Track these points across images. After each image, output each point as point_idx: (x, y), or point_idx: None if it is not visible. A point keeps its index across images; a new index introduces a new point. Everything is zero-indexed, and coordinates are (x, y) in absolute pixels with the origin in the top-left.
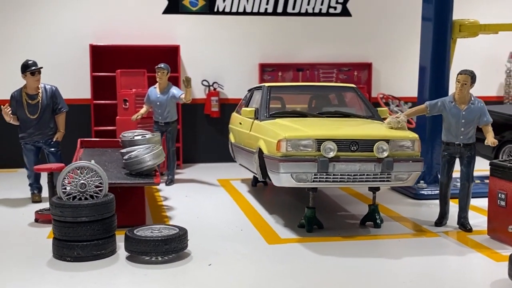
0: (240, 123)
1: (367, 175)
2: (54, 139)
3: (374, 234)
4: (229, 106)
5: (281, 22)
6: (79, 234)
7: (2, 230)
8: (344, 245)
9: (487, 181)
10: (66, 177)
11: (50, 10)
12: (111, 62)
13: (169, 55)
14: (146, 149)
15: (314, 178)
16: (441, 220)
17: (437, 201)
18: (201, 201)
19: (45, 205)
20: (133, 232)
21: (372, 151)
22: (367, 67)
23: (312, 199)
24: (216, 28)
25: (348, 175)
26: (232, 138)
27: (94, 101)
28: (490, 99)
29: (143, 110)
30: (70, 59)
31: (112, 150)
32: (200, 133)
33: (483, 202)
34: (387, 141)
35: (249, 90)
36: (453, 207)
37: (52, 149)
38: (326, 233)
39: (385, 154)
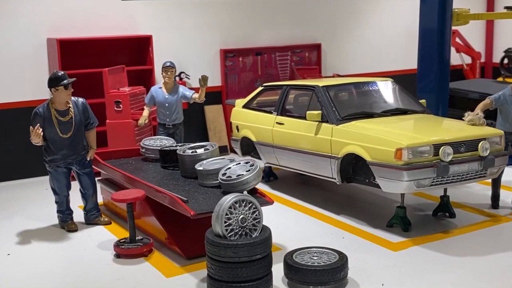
0: (280, 123)
1: (471, 173)
2: (88, 158)
3: (463, 226)
4: None
5: (237, 6)
6: (254, 272)
7: (100, 275)
8: (458, 241)
9: None
10: (228, 213)
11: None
12: (75, 57)
13: (138, 46)
14: (239, 166)
15: (432, 182)
16: (497, 202)
17: None
18: None
19: (103, 234)
20: (294, 260)
21: (475, 151)
22: (317, 48)
23: (403, 199)
24: (177, 14)
25: (458, 175)
26: (251, 136)
27: None
28: (413, 72)
29: (146, 113)
30: (25, 56)
31: (136, 161)
32: None
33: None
34: (485, 139)
35: (270, 87)
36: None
37: (87, 170)
38: (422, 231)
39: (488, 152)
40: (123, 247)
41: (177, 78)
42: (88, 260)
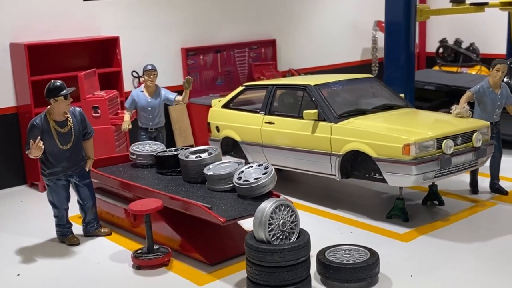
0: (270, 123)
1: (466, 164)
2: (87, 169)
3: (456, 213)
4: None
5: (196, 3)
6: (298, 275)
7: None
8: (459, 227)
9: None
10: (270, 219)
11: None
12: (41, 62)
13: (102, 48)
14: (253, 169)
15: (436, 174)
16: (476, 187)
17: None
18: None
19: (108, 246)
20: (328, 258)
21: (469, 142)
22: (272, 43)
23: (401, 191)
24: (137, 14)
25: (456, 166)
26: (234, 136)
27: (36, 109)
28: (356, 64)
29: (128, 118)
30: None
31: (126, 167)
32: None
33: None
34: (476, 130)
35: (251, 86)
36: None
37: (87, 181)
38: (420, 220)
39: (481, 142)
40: (142, 258)
41: (141, 79)
42: (108, 275)
